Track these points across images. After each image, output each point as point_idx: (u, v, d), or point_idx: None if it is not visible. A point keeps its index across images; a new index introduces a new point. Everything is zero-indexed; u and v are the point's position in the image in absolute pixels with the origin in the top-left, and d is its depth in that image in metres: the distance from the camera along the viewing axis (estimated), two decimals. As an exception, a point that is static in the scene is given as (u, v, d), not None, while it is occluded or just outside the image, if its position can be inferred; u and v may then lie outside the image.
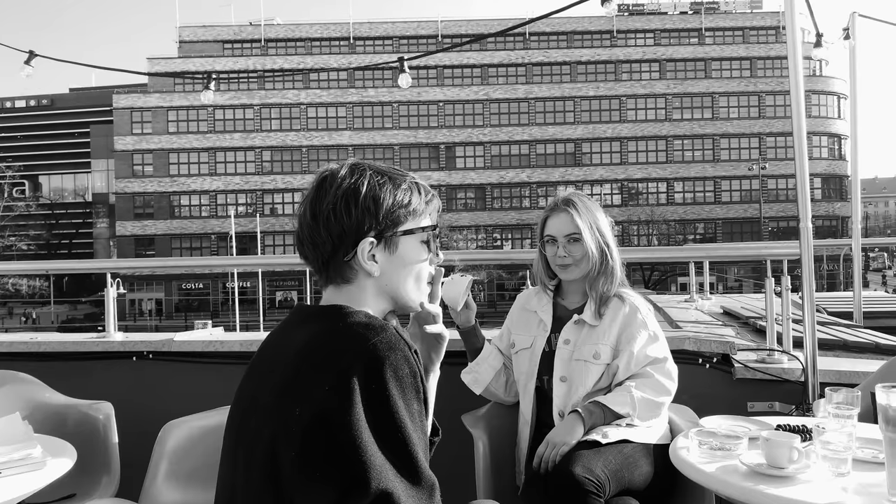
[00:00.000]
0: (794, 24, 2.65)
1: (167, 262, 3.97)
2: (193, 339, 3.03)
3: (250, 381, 1.14)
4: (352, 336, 1.03)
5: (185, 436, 2.23)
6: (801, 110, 2.58)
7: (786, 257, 2.79)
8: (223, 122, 44.11)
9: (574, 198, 2.15)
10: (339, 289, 1.15)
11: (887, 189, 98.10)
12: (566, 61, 44.90)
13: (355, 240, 1.11)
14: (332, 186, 1.12)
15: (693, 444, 1.61)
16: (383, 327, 1.04)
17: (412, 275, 1.18)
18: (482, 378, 2.24)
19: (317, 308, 1.13)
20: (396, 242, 1.14)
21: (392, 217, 1.13)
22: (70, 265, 8.61)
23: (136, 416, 2.63)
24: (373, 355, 0.99)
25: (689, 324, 3.85)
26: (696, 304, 4.72)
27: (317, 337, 1.06)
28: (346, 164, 1.16)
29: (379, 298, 1.16)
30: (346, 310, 1.09)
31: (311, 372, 1.01)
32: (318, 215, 1.12)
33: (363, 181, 1.12)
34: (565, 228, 2.10)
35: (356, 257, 1.12)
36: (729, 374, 2.75)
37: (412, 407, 1.01)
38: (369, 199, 1.11)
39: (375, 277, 1.13)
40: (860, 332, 3.51)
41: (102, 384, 2.97)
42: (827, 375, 2.63)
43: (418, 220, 1.17)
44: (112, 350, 3.03)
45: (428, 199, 1.20)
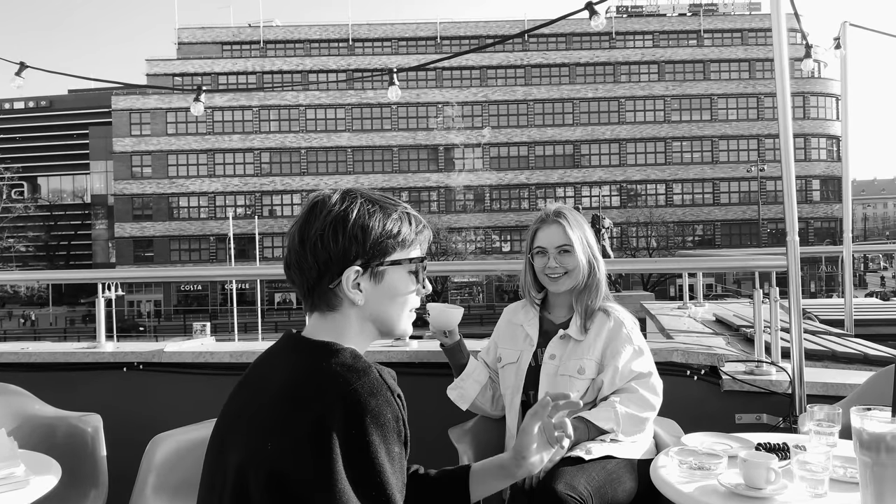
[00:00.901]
0: (782, 31, 2.66)
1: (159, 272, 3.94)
2: (184, 350, 3.03)
3: (231, 407, 1.15)
4: (334, 378, 1.02)
5: (172, 449, 2.24)
6: (787, 125, 2.59)
7: (774, 269, 2.79)
8: (222, 123, 44.11)
9: (564, 210, 2.16)
10: (324, 316, 1.14)
11: (886, 191, 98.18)
12: (565, 63, 44.93)
13: (341, 267, 1.10)
14: (321, 212, 1.12)
15: (673, 463, 1.62)
16: (366, 371, 1.03)
17: (397, 305, 1.17)
18: (468, 394, 2.25)
19: (304, 341, 1.12)
20: (383, 272, 1.14)
21: (380, 247, 1.12)
22: (60, 275, 8.61)
23: (126, 428, 2.63)
24: (353, 399, 0.99)
25: (680, 332, 3.86)
26: (689, 312, 4.73)
27: (300, 373, 1.06)
28: (339, 191, 1.16)
29: (363, 327, 1.16)
30: (332, 347, 1.08)
31: (290, 410, 1.01)
32: (305, 241, 1.12)
33: (353, 209, 1.12)
34: (557, 240, 2.11)
35: (341, 285, 1.11)
36: (717, 386, 2.76)
37: (393, 451, 1.01)
38: (357, 228, 1.11)
39: (360, 306, 1.13)
40: (850, 341, 3.51)
41: (93, 395, 2.97)
42: (814, 388, 2.63)
43: (407, 251, 1.17)
44: (102, 361, 3.04)
45: (418, 229, 1.19)
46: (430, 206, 44.48)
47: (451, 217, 43.83)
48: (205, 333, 33.25)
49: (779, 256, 2.72)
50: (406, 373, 2.92)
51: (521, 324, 2.21)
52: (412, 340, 3.05)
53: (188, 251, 44.33)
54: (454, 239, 42.44)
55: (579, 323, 2.10)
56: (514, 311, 2.28)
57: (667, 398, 2.12)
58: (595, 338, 2.08)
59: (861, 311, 4.49)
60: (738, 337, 3.71)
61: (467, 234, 44.12)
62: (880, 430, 1.28)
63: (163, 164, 44.15)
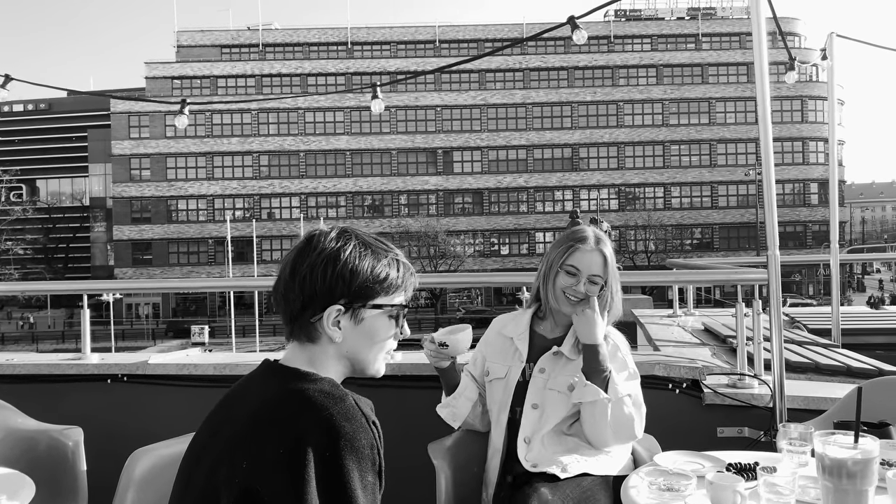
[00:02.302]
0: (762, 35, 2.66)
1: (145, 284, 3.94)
2: (168, 363, 3.03)
3: (208, 425, 1.17)
4: (311, 403, 1.05)
5: (152, 463, 2.23)
6: (768, 141, 2.60)
7: (757, 283, 2.80)
8: (220, 126, 44.15)
9: (605, 238, 2.10)
10: (303, 346, 1.17)
11: (884, 194, 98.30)
12: (563, 66, 44.99)
13: (324, 304, 1.13)
14: (315, 248, 1.15)
15: (643, 484, 1.62)
16: (343, 398, 1.07)
17: (374, 347, 1.20)
18: (460, 412, 2.20)
19: (283, 368, 1.16)
20: (363, 315, 1.17)
21: (365, 289, 1.15)
22: (46, 286, 8.59)
23: (109, 441, 2.63)
24: (329, 425, 1.02)
25: (667, 342, 3.86)
26: (678, 321, 4.73)
27: (278, 396, 1.09)
28: (337, 228, 1.20)
29: (338, 362, 1.19)
30: (311, 377, 1.11)
31: (267, 430, 1.04)
32: (296, 273, 1.15)
33: (345, 249, 1.15)
34: (594, 269, 2.03)
35: (321, 321, 1.14)
36: (699, 399, 2.76)
37: (366, 478, 1.03)
38: (347, 268, 1.14)
39: (337, 343, 1.16)
40: (835, 352, 3.52)
41: (76, 408, 2.97)
42: (795, 401, 2.64)
43: (391, 297, 1.19)
44: (87, 373, 3.04)
45: (406, 276, 1.22)
46: (428, 209, 44.51)
47: (449, 220, 43.86)
48: (203, 336, 33.19)
49: (761, 270, 2.73)
50: (389, 385, 2.92)
51: (511, 337, 2.18)
52: (396, 353, 3.05)
53: (186, 254, 44.36)
54: (452, 242, 42.46)
55: (573, 342, 2.07)
56: (504, 324, 2.24)
57: (649, 411, 2.11)
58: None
59: (850, 320, 4.49)
60: (724, 348, 3.71)
61: (466, 238, 44.14)
62: (841, 456, 1.28)
63: (161, 166, 44.17)
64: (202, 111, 43.29)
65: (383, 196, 44.78)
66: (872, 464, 1.29)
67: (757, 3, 2.59)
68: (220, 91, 44.70)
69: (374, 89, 3.11)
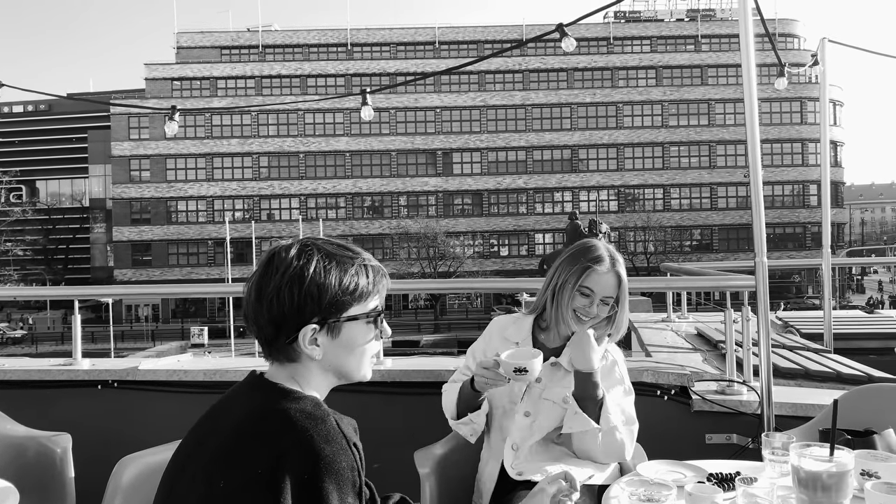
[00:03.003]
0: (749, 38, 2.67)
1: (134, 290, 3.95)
2: (158, 368, 3.04)
3: (194, 437, 1.16)
4: (292, 423, 1.04)
5: (140, 471, 2.24)
6: (756, 149, 2.60)
7: (745, 289, 2.80)
8: (220, 127, 44.17)
9: (619, 258, 2.04)
10: (283, 366, 1.16)
11: (884, 195, 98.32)
12: (563, 68, 45.01)
13: (297, 325, 1.11)
14: (278, 269, 1.12)
15: (624, 495, 1.63)
16: (324, 419, 1.06)
17: (356, 356, 1.19)
18: (479, 427, 2.11)
19: (268, 384, 1.15)
20: (340, 328, 1.15)
21: (336, 303, 1.13)
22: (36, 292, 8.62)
23: (98, 447, 2.63)
24: (309, 447, 1.02)
25: (659, 348, 3.87)
26: (673, 326, 4.74)
27: (259, 414, 1.08)
28: (296, 244, 1.16)
29: (322, 376, 1.18)
30: (294, 395, 1.11)
31: (246, 448, 1.04)
32: (262, 298, 1.12)
33: (309, 266, 1.12)
34: (609, 291, 1.98)
35: (297, 342, 1.12)
36: (687, 406, 2.76)
37: (346, 501, 1.02)
38: (313, 286, 1.11)
39: (318, 360, 1.15)
40: (826, 357, 3.52)
41: (66, 413, 2.98)
42: (783, 408, 2.64)
43: (365, 304, 1.17)
44: (77, 379, 3.04)
45: (376, 280, 1.19)
46: (427, 211, 44.52)
47: (448, 221, 43.86)
48: (202, 337, 33.14)
49: (749, 276, 2.73)
50: (378, 392, 2.93)
51: (516, 342, 2.12)
52: (386, 359, 3.06)
53: (186, 255, 44.37)
54: (452, 243, 42.46)
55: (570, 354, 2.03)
56: (505, 327, 2.17)
57: (638, 418, 2.11)
58: None
59: (842, 325, 4.49)
60: (716, 353, 3.71)
61: (465, 239, 44.14)
62: (816, 469, 1.28)
63: (161, 167, 44.19)
64: (202, 113, 43.35)
65: (383, 197, 44.78)
66: (847, 477, 1.29)
67: (744, 6, 2.59)
68: (220, 92, 44.73)
69: (363, 96, 3.11)
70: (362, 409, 2.92)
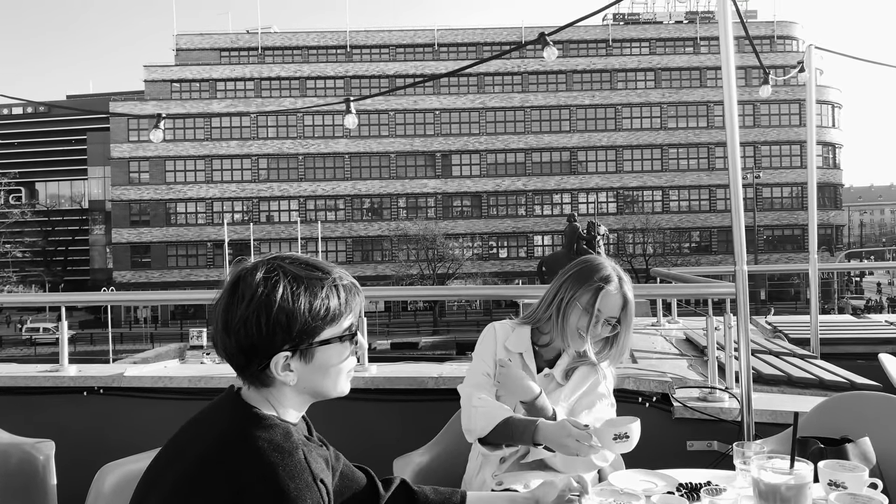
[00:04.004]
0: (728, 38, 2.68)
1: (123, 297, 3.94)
2: (143, 375, 3.05)
3: (165, 455, 1.16)
4: (259, 455, 1.02)
5: (121, 479, 2.25)
6: (735, 154, 2.61)
7: (726, 297, 2.82)
8: (219, 129, 44.21)
9: (627, 277, 2.00)
10: (259, 390, 1.14)
11: (883, 197, 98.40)
12: (562, 70, 45.05)
13: (267, 354, 1.08)
14: (243, 297, 1.08)
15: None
16: (291, 453, 1.04)
17: (331, 376, 1.16)
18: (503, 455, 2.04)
19: (243, 407, 1.12)
20: (313, 352, 1.11)
21: (307, 330, 1.09)
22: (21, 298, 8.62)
23: (82, 454, 2.65)
24: (272, 483, 1.00)
25: (646, 354, 3.88)
26: (662, 331, 4.75)
27: (227, 442, 1.05)
28: (262, 267, 1.11)
29: (298, 398, 1.16)
30: (266, 422, 1.08)
31: (208, 481, 1.02)
32: (229, 328, 1.08)
33: (276, 293, 1.07)
34: (614, 311, 1.94)
35: (269, 369, 1.09)
36: (668, 412, 2.78)
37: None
38: (282, 314, 1.06)
39: (293, 385, 1.13)
40: (811, 363, 3.53)
41: (51, 420, 2.99)
42: (764, 415, 2.65)
43: (339, 325, 1.13)
44: (63, 385, 3.05)
45: (349, 298, 1.15)
46: (427, 213, 44.55)
47: (448, 223, 43.89)
48: (201, 339, 33.13)
49: (730, 284, 2.75)
50: (363, 398, 2.94)
51: (520, 353, 2.09)
52: (371, 365, 3.07)
53: (185, 257, 44.39)
54: (451, 245, 42.47)
55: (564, 367, 2.03)
56: (506, 334, 2.11)
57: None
58: (575, 387, 2.04)
59: (830, 330, 4.51)
60: (702, 359, 3.72)
61: (464, 241, 44.16)
62: (775, 482, 1.30)
63: (160, 169, 44.23)
64: (201, 115, 43.41)
65: (382, 199, 44.81)
66: (805, 489, 1.31)
67: (724, 10, 2.60)
68: (220, 94, 44.78)
69: (346, 104, 3.12)
70: (345, 416, 2.94)
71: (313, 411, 2.89)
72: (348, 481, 1.32)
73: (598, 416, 2.02)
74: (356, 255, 44.68)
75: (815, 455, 2.05)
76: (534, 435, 1.81)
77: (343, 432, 2.99)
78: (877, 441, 2.19)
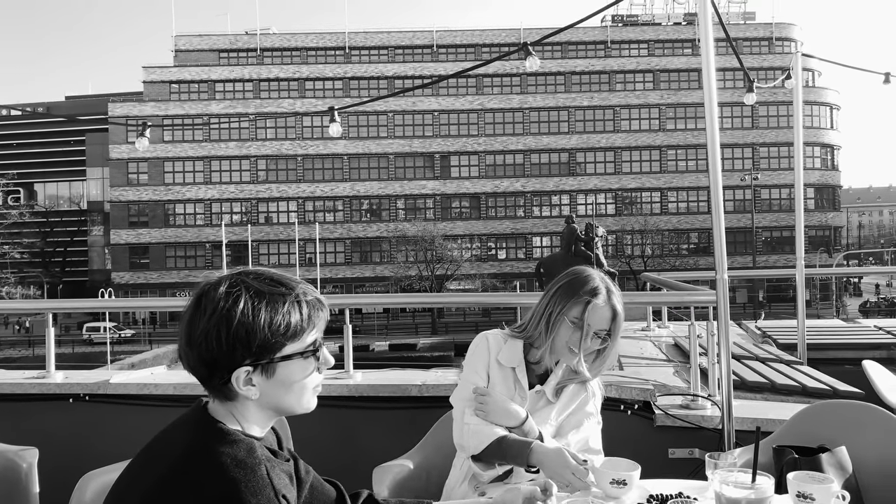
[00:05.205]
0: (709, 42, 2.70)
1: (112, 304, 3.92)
2: (129, 382, 3.06)
3: (130, 470, 1.16)
4: (220, 471, 1.03)
5: (103, 487, 2.26)
6: (716, 158, 2.63)
7: (708, 304, 2.83)
8: (218, 130, 44.22)
9: (615, 289, 1.97)
10: (223, 404, 1.15)
11: (882, 198, 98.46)
12: (560, 71, 45.10)
13: (228, 368, 1.09)
14: (206, 311, 1.09)
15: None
16: (254, 469, 1.04)
17: (294, 392, 1.16)
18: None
19: (208, 421, 1.12)
20: (275, 368, 1.12)
21: (267, 345, 1.09)
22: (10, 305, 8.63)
23: (68, 461, 2.65)
24: (235, 500, 1.01)
25: (634, 360, 3.89)
26: (651, 335, 4.76)
27: (191, 456, 1.06)
28: (226, 281, 1.12)
29: (261, 413, 1.16)
30: (230, 437, 1.08)
31: (174, 494, 1.03)
32: (192, 342, 1.09)
33: (237, 308, 1.08)
34: (603, 324, 1.91)
35: (231, 383, 1.10)
36: (650, 420, 2.79)
37: None
38: (241, 329, 1.07)
39: (255, 399, 1.13)
40: (796, 369, 3.54)
41: (37, 427, 3.00)
42: (744, 423, 2.66)
43: (301, 340, 1.13)
44: (48, 392, 3.06)
45: (312, 314, 1.15)
46: (425, 214, 44.56)
47: (446, 224, 43.91)
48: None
49: (711, 292, 2.76)
50: (347, 406, 2.95)
51: (513, 367, 2.04)
52: (356, 372, 3.08)
53: (184, 258, 44.38)
54: (450, 247, 42.48)
55: (554, 383, 2.01)
56: (498, 347, 2.05)
57: (602, 434, 2.11)
58: (565, 405, 2.02)
59: (818, 336, 4.52)
60: (688, 366, 3.74)
61: (463, 242, 44.19)
62: (736, 496, 1.31)
63: (159, 170, 44.24)
64: (200, 116, 43.42)
65: (381, 200, 44.83)
66: (765, 503, 1.32)
67: (705, 11, 2.61)
68: (218, 95, 44.80)
69: (331, 112, 3.14)
70: (330, 424, 2.95)
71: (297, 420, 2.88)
72: (318, 494, 1.33)
73: (585, 436, 2.01)
74: (354, 256, 44.69)
75: (790, 465, 2.06)
76: (528, 458, 1.79)
77: (328, 440, 3.00)
78: (855, 450, 2.20)
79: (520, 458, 1.81)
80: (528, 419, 1.91)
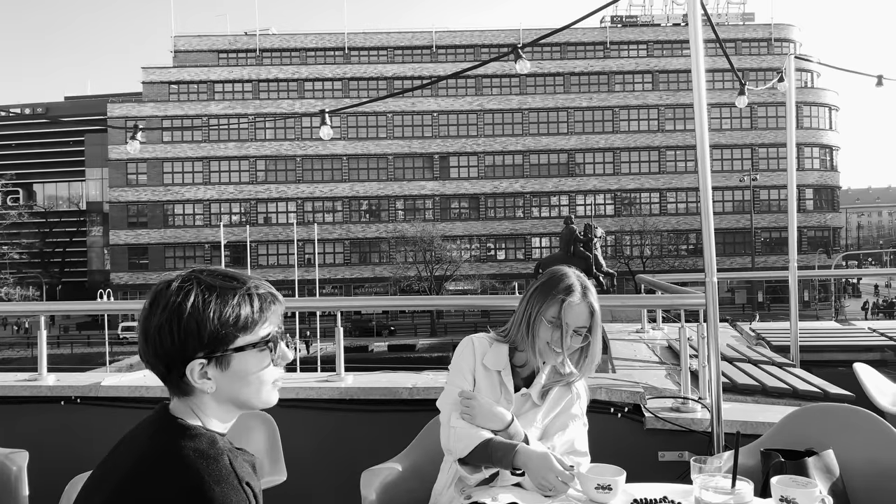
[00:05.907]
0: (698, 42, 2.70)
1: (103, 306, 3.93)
2: (121, 384, 3.06)
3: (101, 470, 1.17)
4: (183, 464, 1.05)
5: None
6: (705, 160, 2.63)
7: (698, 307, 2.84)
8: (217, 130, 44.22)
9: (590, 286, 1.98)
10: (182, 400, 1.16)
11: (881, 199, 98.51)
12: (559, 72, 45.12)
13: (183, 361, 1.11)
14: (159, 307, 1.12)
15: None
16: (217, 458, 1.07)
17: (251, 385, 1.18)
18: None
19: (169, 419, 1.14)
20: (229, 360, 1.14)
21: (218, 337, 1.12)
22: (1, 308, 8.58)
23: (58, 464, 2.65)
24: (199, 488, 1.03)
25: (627, 362, 3.90)
26: (646, 337, 4.77)
27: (154, 454, 1.08)
28: (180, 278, 1.15)
29: (220, 407, 1.18)
30: (191, 432, 1.11)
31: (140, 492, 1.05)
32: (148, 338, 1.12)
33: (187, 301, 1.10)
34: (580, 321, 1.91)
35: (186, 377, 1.12)
36: (640, 423, 2.79)
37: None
38: (192, 321, 1.10)
39: (212, 392, 1.15)
40: (788, 372, 3.55)
41: (29, 430, 3.00)
42: (733, 426, 2.66)
43: (255, 332, 1.15)
44: (40, 395, 3.06)
45: (264, 307, 1.17)
46: (424, 215, 44.57)
47: (445, 225, 43.91)
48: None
49: (701, 295, 2.77)
50: (337, 408, 2.95)
51: (498, 371, 2.04)
52: (347, 375, 3.08)
53: (183, 258, 44.36)
54: (449, 247, 42.49)
55: (540, 386, 2.01)
56: (483, 351, 2.06)
57: (591, 436, 2.12)
58: (550, 407, 2.02)
59: (811, 338, 4.52)
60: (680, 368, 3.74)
61: (462, 243, 44.20)
62: (715, 502, 1.31)
63: (158, 171, 44.24)
64: (199, 116, 43.42)
65: (380, 201, 44.83)
66: (744, 509, 1.32)
67: (694, 11, 2.62)
68: (217, 96, 44.79)
69: (322, 116, 3.14)
70: (320, 426, 2.95)
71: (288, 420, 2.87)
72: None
73: (571, 437, 2.01)
74: (354, 256, 44.69)
75: (776, 468, 2.07)
76: (513, 460, 1.80)
77: (318, 442, 3.01)
78: (844, 453, 2.20)
79: (505, 461, 1.81)
80: (513, 422, 1.91)
